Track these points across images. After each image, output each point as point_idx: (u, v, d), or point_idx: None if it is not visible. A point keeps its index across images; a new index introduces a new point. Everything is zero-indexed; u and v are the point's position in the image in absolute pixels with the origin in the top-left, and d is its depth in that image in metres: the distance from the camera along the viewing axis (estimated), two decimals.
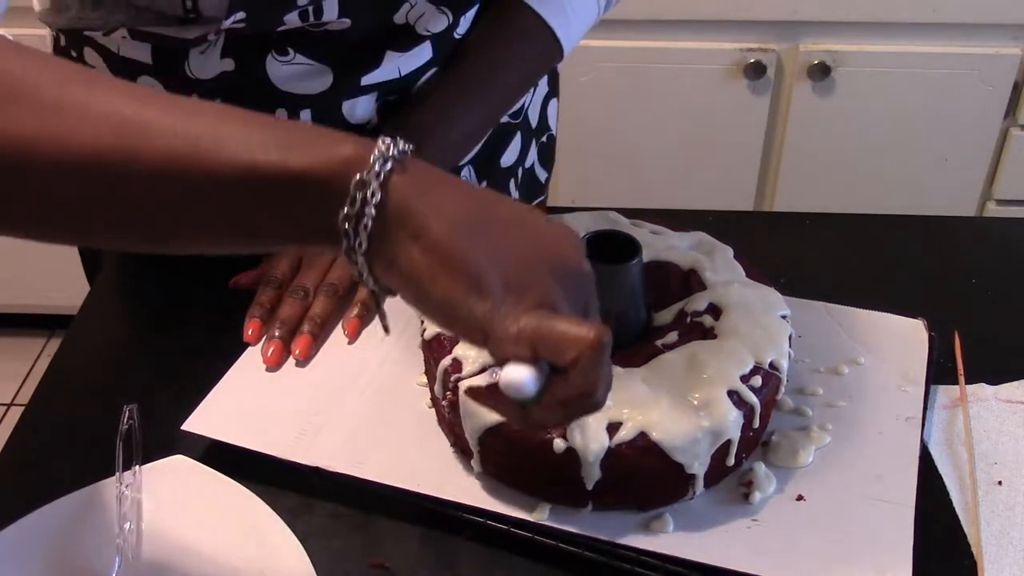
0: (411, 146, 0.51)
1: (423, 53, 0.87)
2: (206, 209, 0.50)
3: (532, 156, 1.07)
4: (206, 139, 0.49)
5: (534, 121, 1.06)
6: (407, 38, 0.84)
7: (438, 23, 0.84)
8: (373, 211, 0.49)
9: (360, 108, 0.85)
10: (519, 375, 0.50)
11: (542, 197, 1.13)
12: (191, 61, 0.81)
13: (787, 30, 1.67)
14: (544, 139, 1.09)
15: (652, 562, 0.64)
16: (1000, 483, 0.70)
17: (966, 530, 0.67)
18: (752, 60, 1.67)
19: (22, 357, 2.14)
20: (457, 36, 0.88)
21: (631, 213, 0.82)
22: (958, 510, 0.68)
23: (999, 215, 1.81)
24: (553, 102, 1.09)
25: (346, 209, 0.49)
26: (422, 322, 0.73)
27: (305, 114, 0.84)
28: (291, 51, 0.81)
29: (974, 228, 1.08)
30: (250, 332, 0.79)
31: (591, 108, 1.71)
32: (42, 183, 0.49)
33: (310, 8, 0.77)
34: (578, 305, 0.54)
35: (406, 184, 0.50)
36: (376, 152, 0.49)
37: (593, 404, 0.53)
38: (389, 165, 0.49)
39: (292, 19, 0.77)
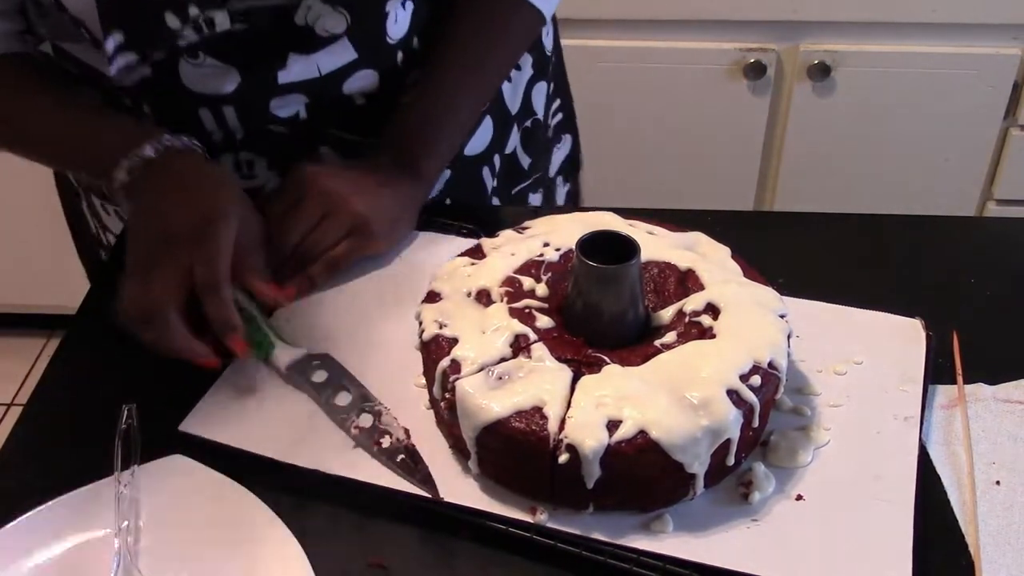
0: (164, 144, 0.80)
1: (344, 53, 0.88)
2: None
3: (514, 141, 1.07)
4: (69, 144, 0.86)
5: (514, 106, 1.05)
6: (308, 40, 0.86)
7: (336, 24, 0.86)
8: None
9: (287, 107, 0.89)
10: None
11: (523, 184, 1.11)
12: (112, 68, 0.83)
13: (787, 30, 1.67)
14: (528, 124, 1.08)
15: (652, 563, 0.64)
16: (998, 483, 0.70)
17: (964, 530, 0.67)
18: (752, 60, 1.67)
19: (22, 357, 2.14)
20: (390, 40, 0.90)
21: (629, 213, 0.82)
22: (956, 510, 0.68)
23: (999, 215, 1.81)
24: (540, 86, 1.08)
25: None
26: (420, 323, 0.73)
27: (230, 111, 0.88)
28: (201, 55, 0.83)
29: (974, 228, 1.08)
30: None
31: (590, 108, 1.71)
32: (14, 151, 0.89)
33: (202, 20, 0.80)
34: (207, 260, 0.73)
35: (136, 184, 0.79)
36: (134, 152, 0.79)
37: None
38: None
39: (189, 34, 0.81)
